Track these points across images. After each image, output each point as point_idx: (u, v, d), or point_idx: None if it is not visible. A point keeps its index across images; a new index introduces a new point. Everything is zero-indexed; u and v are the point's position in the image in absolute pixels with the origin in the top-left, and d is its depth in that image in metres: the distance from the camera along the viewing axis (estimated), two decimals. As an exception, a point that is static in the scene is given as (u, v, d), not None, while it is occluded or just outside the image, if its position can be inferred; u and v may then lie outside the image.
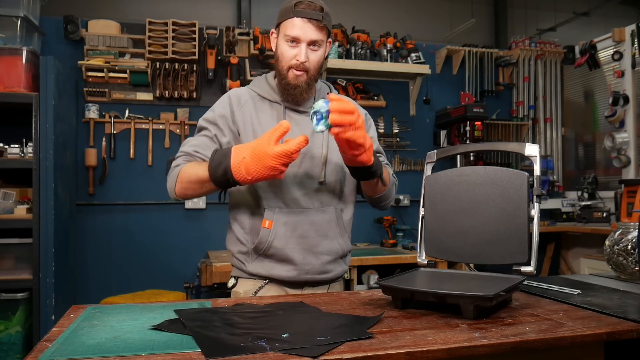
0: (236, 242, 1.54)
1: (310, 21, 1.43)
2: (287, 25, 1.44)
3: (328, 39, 1.52)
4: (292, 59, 1.45)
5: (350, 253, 1.63)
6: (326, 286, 1.55)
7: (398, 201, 3.93)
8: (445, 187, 1.40)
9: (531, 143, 1.74)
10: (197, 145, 1.47)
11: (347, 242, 1.57)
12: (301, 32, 1.42)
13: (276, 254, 1.47)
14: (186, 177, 1.41)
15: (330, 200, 1.53)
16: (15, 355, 2.76)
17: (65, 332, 1.00)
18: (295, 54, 1.45)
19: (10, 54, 2.87)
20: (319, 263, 1.50)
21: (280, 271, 1.48)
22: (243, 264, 1.52)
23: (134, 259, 3.56)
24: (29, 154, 2.87)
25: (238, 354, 0.85)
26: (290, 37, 1.44)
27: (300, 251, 1.47)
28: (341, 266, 1.58)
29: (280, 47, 1.48)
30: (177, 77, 3.57)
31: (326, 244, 1.51)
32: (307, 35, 1.43)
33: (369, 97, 3.99)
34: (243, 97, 1.54)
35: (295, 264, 1.47)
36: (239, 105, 1.52)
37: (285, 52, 1.46)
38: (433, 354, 0.89)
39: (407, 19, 7.90)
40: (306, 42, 1.44)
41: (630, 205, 3.14)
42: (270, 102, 1.54)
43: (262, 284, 1.50)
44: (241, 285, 1.53)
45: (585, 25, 7.89)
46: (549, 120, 4.49)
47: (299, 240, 1.47)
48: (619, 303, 1.23)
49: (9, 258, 2.87)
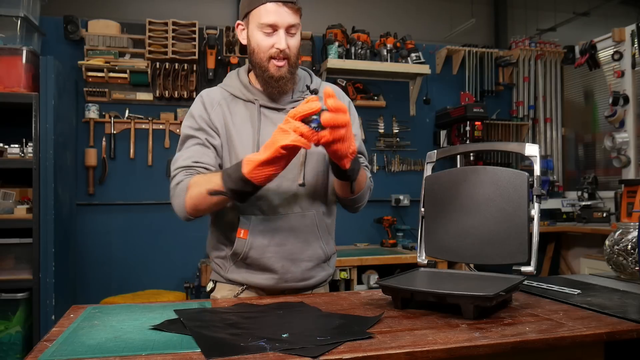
0: (214, 247, 1.48)
1: (285, 4, 1.32)
2: (259, 13, 1.32)
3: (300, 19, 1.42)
4: (270, 49, 1.34)
5: (335, 255, 1.57)
6: (309, 292, 1.47)
7: (398, 201, 3.93)
8: (445, 187, 1.40)
9: (531, 143, 1.74)
10: (192, 155, 1.36)
11: (330, 246, 1.50)
12: (277, 17, 1.31)
13: (253, 263, 1.39)
14: (196, 191, 1.28)
15: (311, 203, 1.43)
16: (15, 355, 2.76)
17: (65, 332, 1.00)
18: (273, 42, 1.34)
19: (10, 54, 2.86)
20: (300, 271, 1.42)
21: (258, 279, 1.41)
22: (221, 269, 1.45)
23: (134, 259, 3.56)
24: (29, 154, 2.87)
25: (238, 354, 0.85)
26: (266, 25, 1.32)
27: (279, 260, 1.39)
28: (325, 270, 1.50)
29: (254, 37, 1.36)
30: (177, 77, 3.57)
31: (307, 250, 1.42)
32: (285, 20, 1.32)
33: (369, 97, 3.99)
34: (215, 98, 1.45)
35: (274, 272, 1.39)
36: (212, 107, 1.42)
37: (261, 42, 1.34)
38: (433, 354, 0.89)
39: (407, 19, 7.91)
40: (284, 28, 1.33)
41: (630, 205, 3.14)
42: (244, 102, 1.44)
43: (240, 290, 1.44)
44: (219, 291, 1.47)
45: (585, 25, 7.90)
46: (549, 120, 4.49)
47: (277, 249, 1.38)
48: (619, 303, 1.23)
49: (9, 258, 2.87)
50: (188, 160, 1.36)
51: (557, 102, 4.53)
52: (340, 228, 4.38)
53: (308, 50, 3.81)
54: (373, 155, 4.02)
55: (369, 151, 4.00)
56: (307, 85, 1.42)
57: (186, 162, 1.35)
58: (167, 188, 1.41)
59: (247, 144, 1.39)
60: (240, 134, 1.40)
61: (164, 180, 3.54)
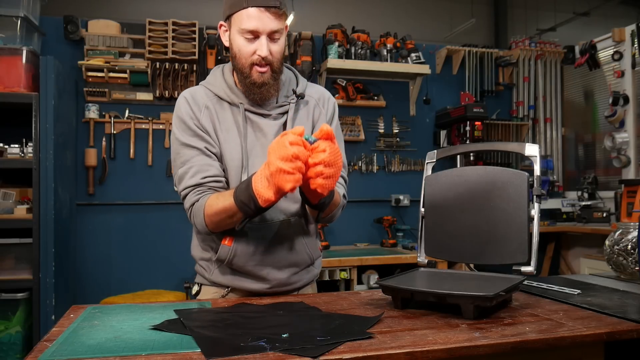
0: (199, 250, 1.46)
1: (268, 9, 1.26)
2: (241, 17, 1.27)
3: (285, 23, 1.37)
4: (252, 55, 1.29)
5: (321, 256, 1.55)
6: (295, 293, 1.47)
7: (398, 201, 3.93)
8: (445, 187, 1.40)
9: (531, 143, 1.74)
10: (199, 171, 1.32)
11: (315, 249, 1.49)
12: (259, 23, 1.26)
13: (238, 270, 1.38)
14: (217, 218, 1.28)
15: (296, 209, 1.40)
16: (15, 355, 2.76)
17: (65, 332, 1.00)
18: (254, 49, 1.29)
19: (10, 54, 2.86)
20: (286, 277, 1.41)
21: (242, 283, 1.40)
22: (206, 272, 1.44)
23: (134, 259, 3.56)
24: (29, 154, 2.87)
25: (238, 354, 0.85)
26: (247, 31, 1.27)
27: (263, 267, 1.38)
28: (310, 272, 1.50)
29: (235, 42, 1.31)
30: (177, 77, 3.57)
31: (292, 256, 1.41)
32: (267, 26, 1.26)
33: (369, 97, 3.99)
34: (201, 100, 1.38)
35: (259, 278, 1.39)
36: (199, 110, 1.37)
37: (243, 48, 1.30)
38: (433, 354, 0.89)
39: (407, 19, 7.91)
40: (266, 34, 1.27)
41: (630, 205, 3.14)
42: (229, 105, 1.39)
43: (225, 292, 1.42)
44: (204, 294, 1.45)
45: (585, 25, 7.91)
46: (549, 120, 4.49)
47: (262, 257, 1.37)
48: (619, 303, 1.23)
49: (9, 258, 2.87)
50: (197, 177, 1.32)
51: (557, 102, 4.53)
52: (340, 228, 4.38)
53: (308, 50, 3.81)
54: (373, 155, 4.02)
55: (369, 151, 4.01)
56: (293, 90, 1.41)
57: (195, 180, 1.32)
58: (167, 188, 1.39)
59: (234, 151, 1.36)
60: (227, 141, 1.37)
61: (164, 180, 3.55)
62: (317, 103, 1.48)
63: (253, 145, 1.37)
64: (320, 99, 1.50)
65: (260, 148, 1.37)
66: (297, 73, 1.50)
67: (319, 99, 1.49)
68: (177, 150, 1.36)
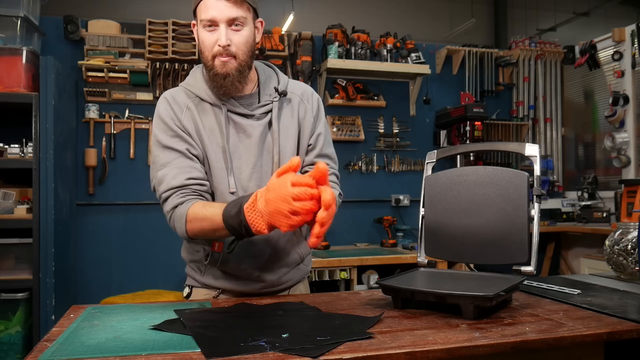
0: (189, 252, 1.44)
1: None
2: (200, 9, 1.27)
3: (257, 18, 1.34)
4: (214, 46, 1.27)
5: (310, 253, 1.55)
6: (286, 292, 1.47)
7: (398, 201, 3.93)
8: (445, 187, 1.40)
9: (531, 143, 1.74)
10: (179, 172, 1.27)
11: (305, 247, 1.47)
12: (216, 11, 1.24)
13: (229, 272, 1.38)
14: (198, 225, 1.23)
15: None
16: (15, 355, 2.76)
17: (65, 332, 1.00)
18: (215, 39, 1.27)
19: (10, 54, 2.86)
20: (276, 277, 1.41)
21: (233, 285, 1.39)
22: (196, 273, 1.43)
23: (134, 259, 3.55)
24: (29, 154, 2.87)
25: (238, 354, 0.85)
26: (206, 21, 1.26)
27: (254, 270, 1.37)
28: (301, 270, 1.49)
29: (200, 36, 1.30)
30: (177, 77, 3.57)
31: (283, 258, 1.41)
32: (224, 13, 1.24)
33: (369, 97, 3.99)
34: (182, 101, 1.35)
35: (250, 280, 1.39)
36: (181, 111, 1.33)
37: (205, 40, 1.28)
38: (433, 354, 0.89)
39: (407, 19, 7.91)
40: (224, 22, 1.25)
41: (630, 205, 3.14)
42: (210, 106, 1.35)
43: (216, 294, 1.42)
44: (195, 295, 1.45)
45: (585, 25, 7.91)
46: (549, 120, 4.49)
47: (253, 260, 1.37)
48: (619, 303, 1.23)
49: (9, 258, 2.87)
50: (179, 179, 1.27)
51: (557, 102, 4.53)
52: (341, 228, 4.38)
53: (308, 50, 3.82)
54: (373, 155, 4.02)
55: (369, 151, 4.01)
56: (275, 87, 1.39)
57: (178, 182, 1.27)
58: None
59: (217, 153, 1.33)
60: (211, 143, 1.33)
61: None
62: (301, 100, 1.44)
63: (236, 147, 1.34)
64: (303, 95, 1.46)
65: (244, 149, 1.35)
66: (277, 70, 1.47)
67: (302, 95, 1.45)
68: (157, 152, 1.33)
